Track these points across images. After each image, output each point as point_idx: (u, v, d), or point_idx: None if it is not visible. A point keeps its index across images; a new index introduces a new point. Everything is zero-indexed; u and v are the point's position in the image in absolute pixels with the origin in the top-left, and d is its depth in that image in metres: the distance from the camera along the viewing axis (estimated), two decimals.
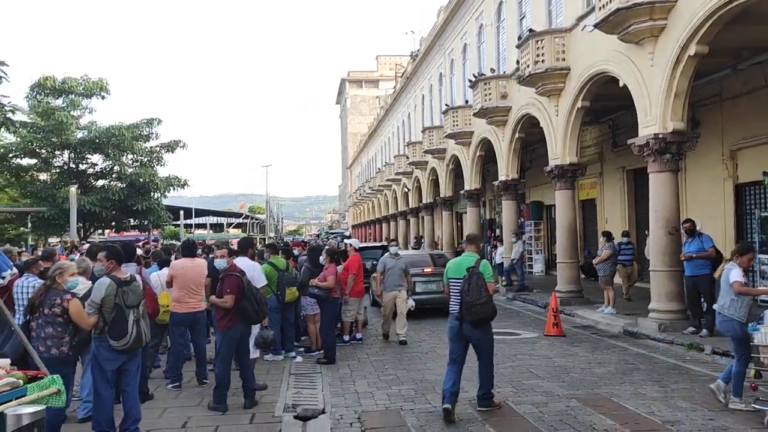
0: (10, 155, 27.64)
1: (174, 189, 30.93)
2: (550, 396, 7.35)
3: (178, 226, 45.77)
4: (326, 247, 12.15)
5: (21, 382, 3.76)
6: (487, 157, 22.94)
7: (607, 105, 17.13)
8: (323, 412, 6.94)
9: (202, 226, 74.12)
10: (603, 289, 13.56)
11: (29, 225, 31.46)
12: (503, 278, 19.62)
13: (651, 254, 11.83)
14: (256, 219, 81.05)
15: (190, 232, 52.84)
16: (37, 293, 5.72)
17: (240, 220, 77.28)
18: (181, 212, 41.77)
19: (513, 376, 8.34)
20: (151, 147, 30.46)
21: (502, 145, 20.25)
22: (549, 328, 11.61)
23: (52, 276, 5.72)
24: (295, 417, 6.77)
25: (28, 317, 5.68)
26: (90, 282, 6.82)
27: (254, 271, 8.32)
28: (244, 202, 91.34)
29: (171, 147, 30.77)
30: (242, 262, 8.10)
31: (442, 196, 28.49)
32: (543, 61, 15.09)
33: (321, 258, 10.21)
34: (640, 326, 11.30)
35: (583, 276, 17.71)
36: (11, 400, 3.47)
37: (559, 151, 15.48)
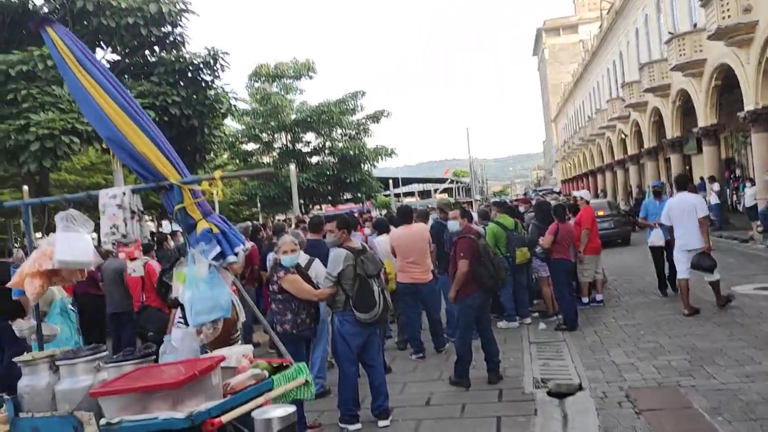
0: (238, 142, 30.20)
1: (382, 158, 31.52)
2: None
3: (388, 195, 47.06)
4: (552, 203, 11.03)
5: (266, 373, 3.38)
6: (724, 86, 19.66)
7: None
8: (580, 388, 5.98)
9: (410, 194, 75.90)
10: None
11: (258, 205, 34.31)
12: (758, 223, 16.66)
13: None
14: (461, 183, 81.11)
15: (399, 201, 54.16)
16: (270, 269, 5.61)
17: (446, 185, 77.83)
18: (390, 181, 42.82)
19: None
20: (357, 120, 31.29)
21: (747, 69, 17.08)
22: None
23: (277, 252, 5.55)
24: (549, 393, 5.91)
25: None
26: (304, 254, 6.61)
27: (690, 202, 8.45)
28: (448, 168, 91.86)
29: (376, 117, 31.33)
30: (681, 197, 8.60)
31: (668, 137, 25.27)
32: None
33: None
34: None
35: None
36: (258, 396, 3.08)
37: None
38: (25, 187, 17.30)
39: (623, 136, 33.98)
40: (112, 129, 3.59)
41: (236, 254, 3.62)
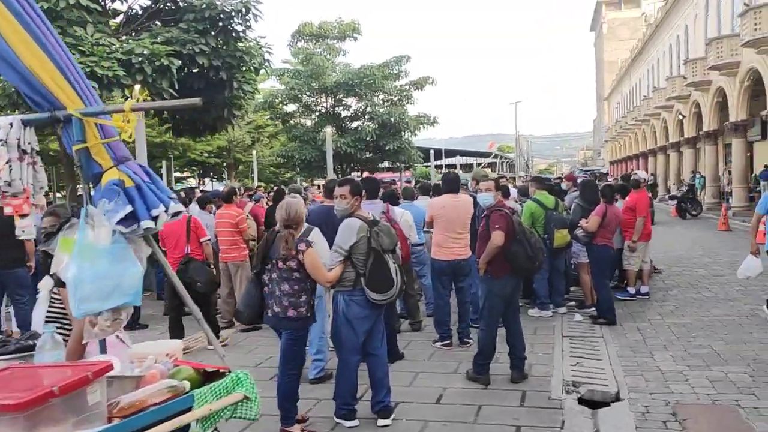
0: (277, 101, 29.51)
1: (424, 128, 30.45)
2: None
3: (429, 166, 45.99)
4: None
5: (187, 385, 2.47)
6: None
7: None
8: (618, 398, 5.15)
9: (452, 166, 74.39)
10: None
11: (297, 169, 33.68)
12: None
13: None
14: (506, 158, 79.14)
15: (440, 173, 52.90)
16: (266, 241, 4.69)
17: (489, 160, 76.05)
18: (432, 152, 41.59)
19: None
20: (400, 85, 30.21)
21: None
22: None
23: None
24: (580, 401, 5.10)
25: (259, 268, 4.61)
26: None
27: None
28: (493, 142, 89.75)
29: (420, 84, 30.16)
30: None
31: (732, 120, 23.54)
32: None
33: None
34: None
35: None
36: (171, 417, 2.20)
37: None
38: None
39: (681, 117, 32.03)
40: None
41: (154, 218, 2.64)
